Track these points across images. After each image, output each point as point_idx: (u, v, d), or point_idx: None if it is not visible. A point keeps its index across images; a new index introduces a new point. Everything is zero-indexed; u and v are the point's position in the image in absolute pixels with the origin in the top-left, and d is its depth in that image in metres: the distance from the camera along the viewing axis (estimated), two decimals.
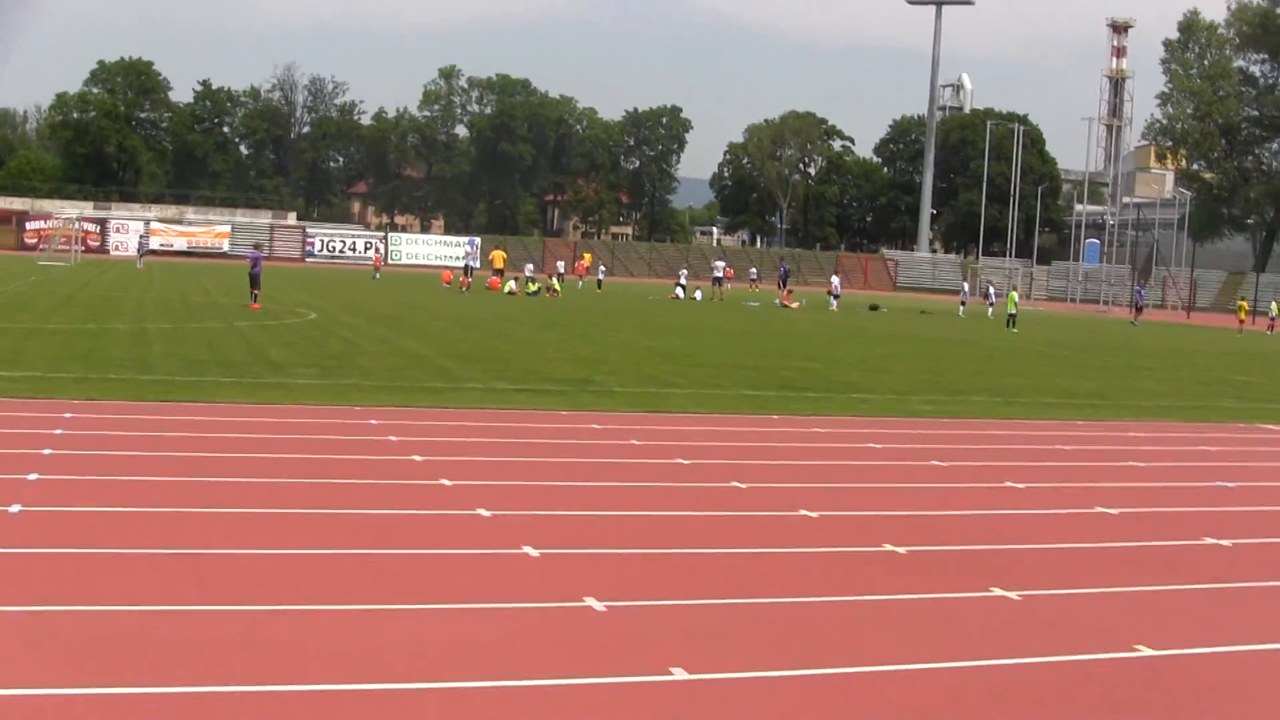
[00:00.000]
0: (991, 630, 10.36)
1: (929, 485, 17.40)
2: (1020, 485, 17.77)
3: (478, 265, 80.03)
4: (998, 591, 11.53)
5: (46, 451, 16.16)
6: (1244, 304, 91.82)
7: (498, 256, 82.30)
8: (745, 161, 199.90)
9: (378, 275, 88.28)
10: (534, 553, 11.97)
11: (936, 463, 19.38)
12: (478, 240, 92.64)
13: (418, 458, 17.07)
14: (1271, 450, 24.06)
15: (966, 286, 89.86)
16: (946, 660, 9.42)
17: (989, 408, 27.72)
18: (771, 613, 10.51)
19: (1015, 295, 73.08)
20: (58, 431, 17.75)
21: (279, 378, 25.78)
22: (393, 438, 18.74)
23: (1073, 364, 44.12)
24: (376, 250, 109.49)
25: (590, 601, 10.32)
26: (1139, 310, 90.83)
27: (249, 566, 11.15)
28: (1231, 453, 23.10)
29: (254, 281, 50.09)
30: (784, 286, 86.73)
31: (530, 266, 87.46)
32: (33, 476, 14.43)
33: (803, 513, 14.74)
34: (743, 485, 16.36)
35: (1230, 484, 19.02)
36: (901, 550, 13.00)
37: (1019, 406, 28.34)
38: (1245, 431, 26.48)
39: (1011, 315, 68.74)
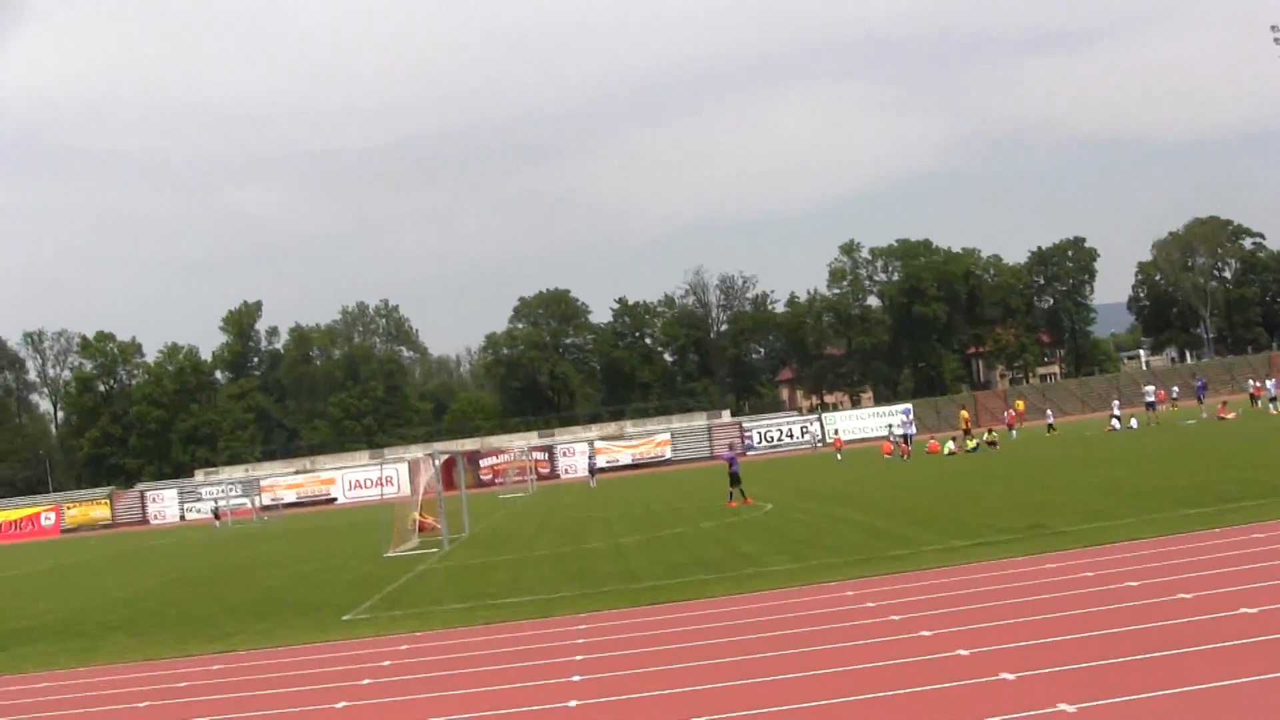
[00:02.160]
0: None
1: None
2: None
3: (914, 432, 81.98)
4: None
5: (578, 658, 18.87)
6: None
7: (963, 416, 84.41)
8: (1158, 278, 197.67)
9: (840, 456, 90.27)
10: (1069, 709, 13.11)
11: None
12: (910, 408, 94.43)
13: (895, 618, 19.32)
14: None
15: None
16: None
17: None
18: None
19: None
20: (579, 641, 20.47)
21: (755, 568, 28.34)
22: (869, 604, 21.03)
23: None
24: (837, 432, 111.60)
25: None
26: None
27: None
28: None
29: (734, 479, 53.15)
30: (1202, 400, 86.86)
31: (1116, 403, 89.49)
32: (576, 678, 17.13)
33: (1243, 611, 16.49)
34: (1187, 596, 18.15)
35: None
36: None
37: None
38: None
39: None
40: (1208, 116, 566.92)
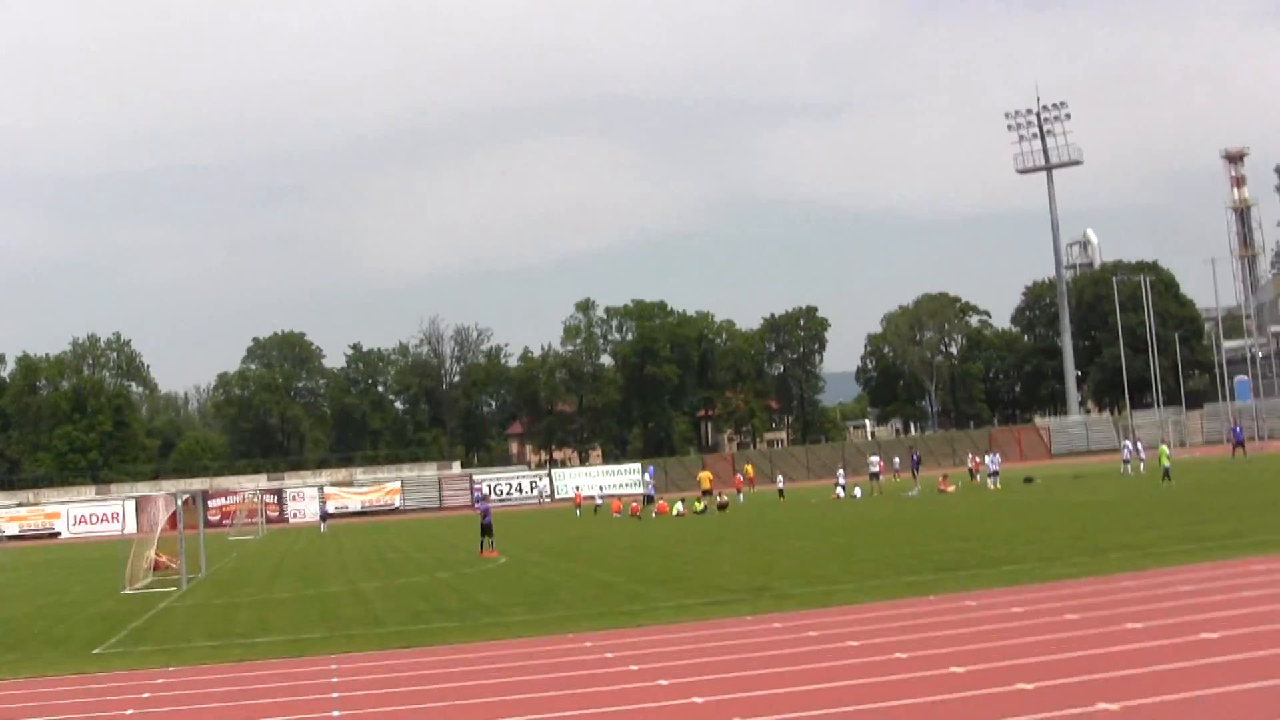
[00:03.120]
0: None
1: (1064, 635, 20.61)
2: (1139, 625, 20.96)
3: (654, 494, 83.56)
4: None
5: (334, 695, 19.82)
6: None
7: (704, 478, 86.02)
8: (886, 350, 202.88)
9: (579, 512, 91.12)
10: None
11: (1069, 615, 22.60)
12: (653, 468, 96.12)
13: (634, 667, 20.59)
14: None
15: (1128, 444, 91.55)
16: None
17: (1129, 560, 30.77)
18: None
19: (1165, 449, 74.21)
20: (334, 680, 21.39)
21: (494, 617, 29.46)
22: (608, 655, 22.28)
23: (1207, 508, 46.85)
24: (577, 490, 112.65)
25: None
26: (1238, 446, 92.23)
27: None
28: None
29: (486, 530, 53.90)
30: (916, 473, 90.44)
31: (841, 471, 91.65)
32: (336, 714, 18.11)
33: (1018, 687, 18.06)
34: (903, 656, 19.71)
35: None
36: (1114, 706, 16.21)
37: (1153, 557, 31.35)
38: None
39: (1165, 469, 69.67)
40: (943, 196, 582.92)
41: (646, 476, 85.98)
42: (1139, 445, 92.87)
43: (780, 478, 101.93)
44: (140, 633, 31.37)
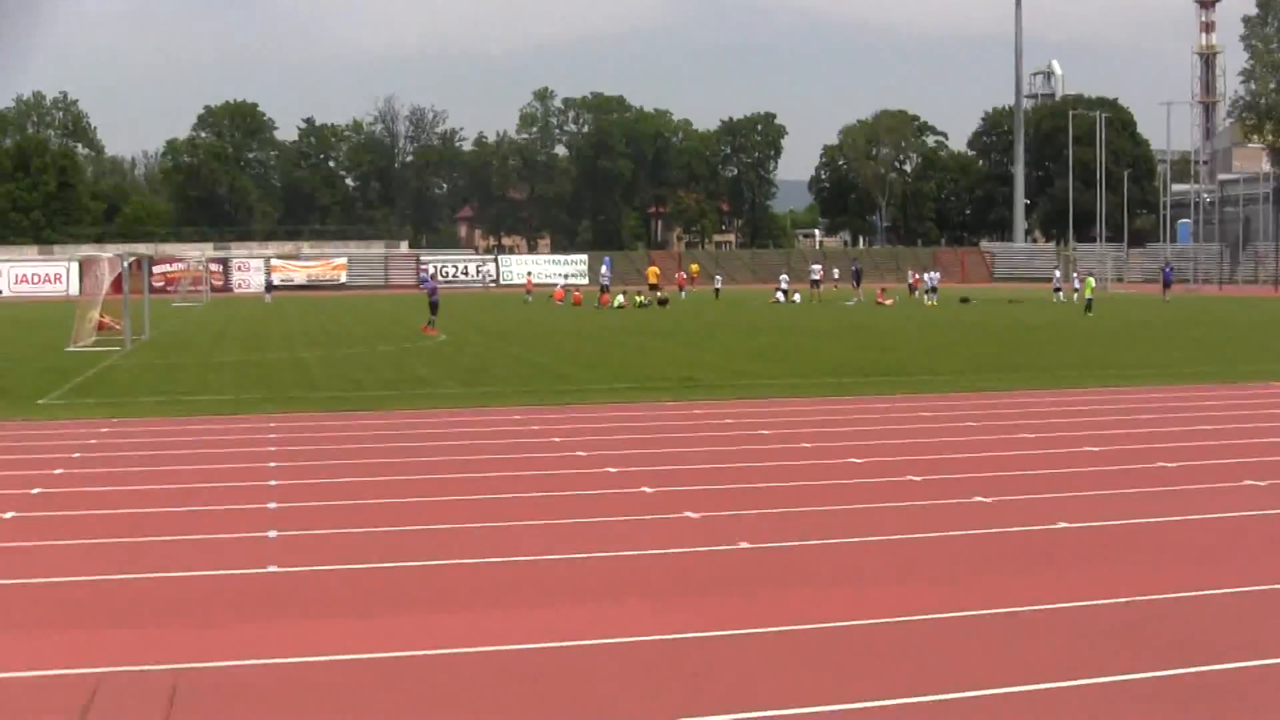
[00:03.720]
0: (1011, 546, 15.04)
1: (952, 439, 22.04)
2: (1032, 436, 22.39)
3: (609, 284, 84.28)
4: (1063, 524, 16.21)
5: (272, 449, 21.06)
6: None
7: (651, 273, 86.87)
8: (841, 163, 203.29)
9: (529, 298, 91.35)
10: (694, 515, 15.66)
11: (969, 422, 24.04)
12: (610, 259, 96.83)
13: (556, 439, 21.93)
14: (1200, 400, 28.36)
15: (1058, 273, 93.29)
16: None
17: (1037, 380, 32.24)
18: (891, 543, 15.25)
19: (1092, 281, 76.10)
20: (272, 436, 22.62)
21: (429, 389, 30.75)
22: (534, 427, 23.62)
23: (1124, 340, 48.58)
24: (529, 275, 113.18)
25: (743, 544, 14.79)
26: (1167, 286, 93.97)
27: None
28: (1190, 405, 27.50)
29: (433, 308, 55.18)
30: (857, 284, 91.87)
31: (784, 277, 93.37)
32: (272, 464, 19.39)
33: (850, 460, 19.43)
34: (810, 446, 21.10)
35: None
36: (989, 500, 17.64)
37: (1059, 378, 32.83)
38: (1243, 392, 30.79)
39: (1089, 300, 71.42)
40: (913, 13, 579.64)
41: (603, 268, 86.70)
42: (1074, 276, 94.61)
43: (718, 278, 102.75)
44: (85, 387, 32.35)
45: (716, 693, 9.01)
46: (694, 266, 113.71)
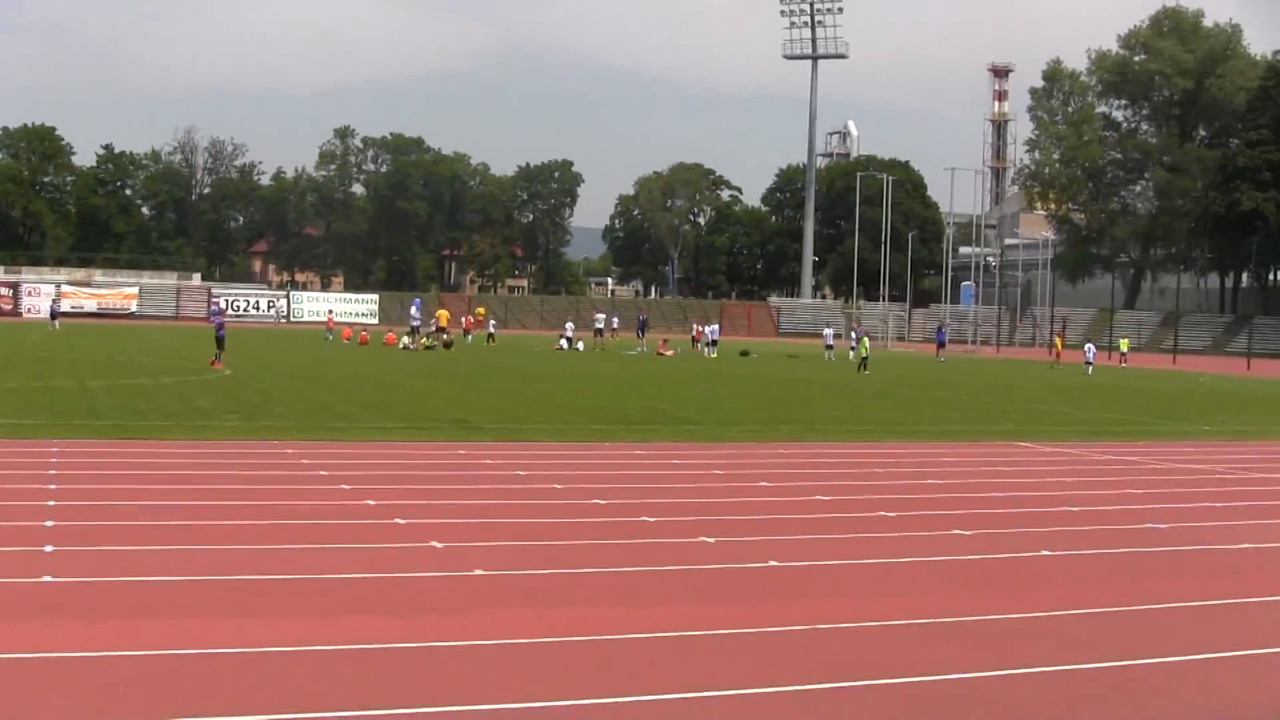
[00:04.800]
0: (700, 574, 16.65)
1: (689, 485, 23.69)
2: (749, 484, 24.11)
3: (419, 323, 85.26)
4: (773, 563, 17.85)
5: (52, 471, 22.11)
6: (1059, 339, 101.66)
7: (441, 315, 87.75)
8: (636, 213, 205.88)
9: (329, 336, 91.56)
10: (438, 545, 17.09)
11: (716, 470, 25.73)
12: (420, 300, 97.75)
13: (322, 472, 23.25)
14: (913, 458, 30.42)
15: (829, 331, 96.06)
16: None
17: (794, 433, 34.11)
18: (605, 577, 16.77)
19: (867, 341, 78.39)
20: (53, 460, 23.64)
21: (208, 421, 31.84)
22: (304, 460, 24.90)
23: (889, 398, 50.85)
24: (331, 314, 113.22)
25: (478, 571, 16.29)
26: (940, 347, 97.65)
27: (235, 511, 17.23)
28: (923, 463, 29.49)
29: (220, 343, 55.77)
30: (642, 335, 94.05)
31: (570, 325, 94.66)
32: (52, 486, 20.47)
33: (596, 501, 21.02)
34: (560, 486, 22.63)
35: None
36: (711, 540, 19.25)
37: (817, 431, 34.76)
38: (967, 449, 32.86)
39: (864, 359, 73.38)
40: (713, 71, 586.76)
41: (413, 309, 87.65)
42: (855, 333, 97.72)
43: (492, 323, 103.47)
44: None
45: (439, 691, 10.52)
46: (479, 310, 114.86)
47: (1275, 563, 18.66)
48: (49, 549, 15.67)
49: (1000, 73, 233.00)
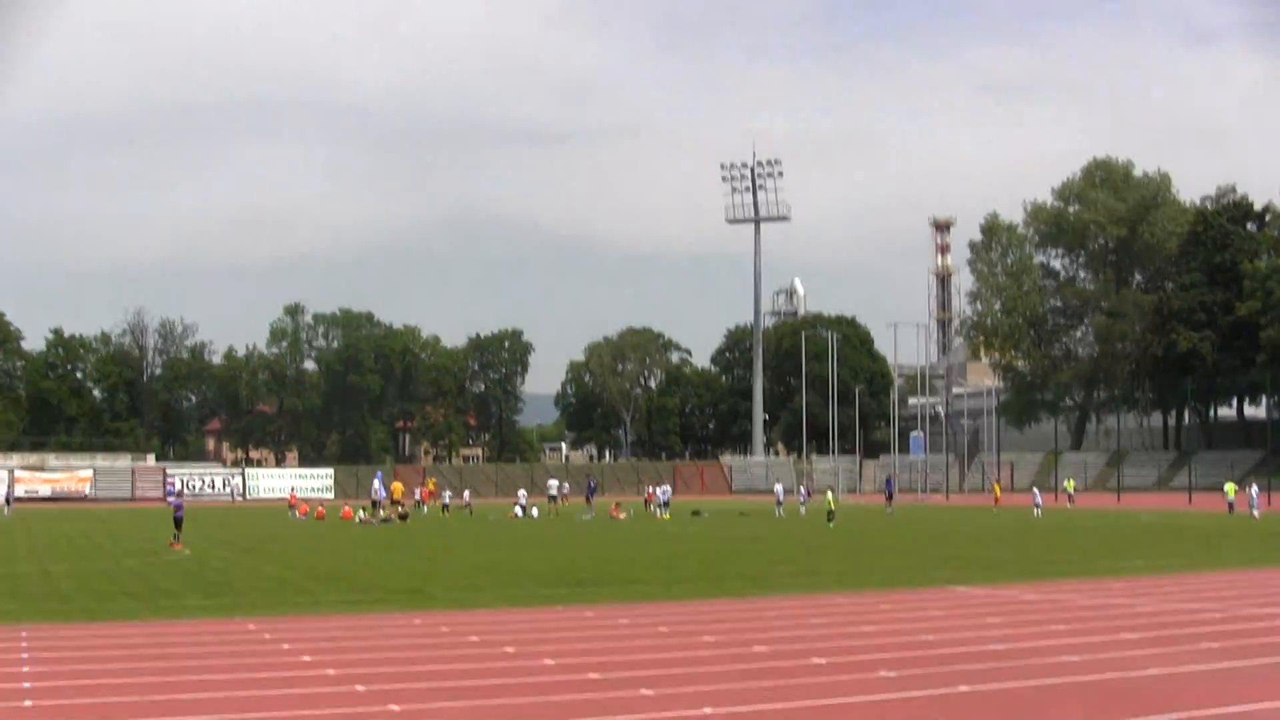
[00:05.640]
0: None
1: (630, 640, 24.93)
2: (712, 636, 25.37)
3: (384, 496, 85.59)
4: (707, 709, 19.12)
5: (24, 655, 23.22)
6: (998, 485, 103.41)
7: (396, 488, 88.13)
8: (587, 379, 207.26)
9: (295, 514, 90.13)
10: (396, 708, 18.31)
11: (661, 628, 26.97)
12: (381, 474, 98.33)
13: (285, 646, 24.42)
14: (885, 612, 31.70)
15: (779, 487, 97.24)
16: None
17: (739, 588, 35.38)
18: None
19: (830, 494, 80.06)
20: (23, 644, 24.74)
21: (173, 600, 32.97)
22: (266, 635, 26.07)
23: (833, 549, 52.12)
24: (293, 491, 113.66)
25: None
26: (890, 498, 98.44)
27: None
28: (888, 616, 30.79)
29: (177, 524, 56.69)
30: (590, 499, 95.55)
31: (523, 492, 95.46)
32: (26, 669, 21.60)
33: (546, 661, 22.25)
34: (511, 649, 23.86)
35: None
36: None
37: (763, 586, 36.02)
38: (905, 596, 34.13)
39: (830, 512, 74.62)
40: (656, 235, 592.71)
41: (375, 482, 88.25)
42: (803, 488, 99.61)
43: (446, 493, 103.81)
44: None
45: None
46: (430, 482, 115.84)
47: (1172, 686, 19.97)
48: None
49: (942, 226, 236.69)
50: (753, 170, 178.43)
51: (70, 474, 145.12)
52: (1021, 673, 20.70)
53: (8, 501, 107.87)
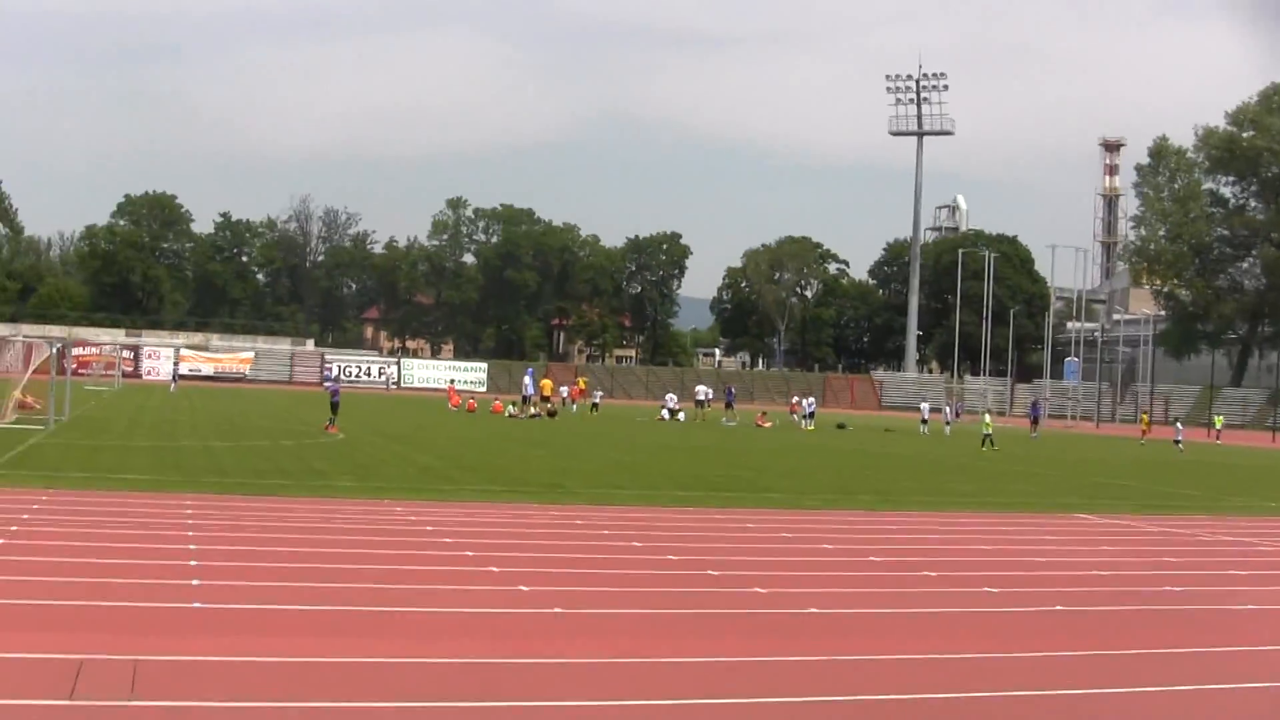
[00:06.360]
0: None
1: (779, 547, 26.18)
2: (830, 547, 26.58)
3: (533, 393, 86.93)
4: (813, 608, 20.41)
5: (190, 521, 24.90)
6: (1145, 416, 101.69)
7: (545, 385, 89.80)
8: (744, 285, 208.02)
9: (453, 407, 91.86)
10: (525, 588, 19.73)
11: (785, 534, 28.18)
12: (533, 370, 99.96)
13: (428, 528, 25.94)
14: (957, 527, 32.64)
15: (925, 405, 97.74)
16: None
17: (868, 503, 36.50)
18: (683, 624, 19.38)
19: (988, 417, 79.20)
20: (189, 513, 26.45)
21: (324, 481, 34.68)
22: (412, 517, 27.60)
23: (966, 471, 52.96)
24: (452, 383, 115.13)
25: (558, 609, 19.03)
26: (1035, 423, 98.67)
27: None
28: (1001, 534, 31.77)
29: (334, 409, 59.00)
30: (729, 407, 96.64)
31: (672, 396, 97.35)
32: (190, 532, 23.26)
33: (667, 557, 23.59)
34: (639, 543, 25.21)
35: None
36: (764, 591, 21.79)
37: (892, 502, 37.11)
38: (1027, 519, 35.06)
39: (987, 435, 74.15)
40: (819, 144, 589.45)
41: (526, 378, 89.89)
42: (949, 407, 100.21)
43: (598, 393, 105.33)
44: (17, 460, 35.95)
45: (512, 693, 13.16)
46: (581, 380, 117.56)
47: (1268, 623, 20.88)
48: (196, 583, 18.42)
49: (1111, 147, 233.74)
50: (918, 82, 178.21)
51: (232, 355, 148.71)
52: (1117, 598, 21.51)
53: (174, 379, 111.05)
